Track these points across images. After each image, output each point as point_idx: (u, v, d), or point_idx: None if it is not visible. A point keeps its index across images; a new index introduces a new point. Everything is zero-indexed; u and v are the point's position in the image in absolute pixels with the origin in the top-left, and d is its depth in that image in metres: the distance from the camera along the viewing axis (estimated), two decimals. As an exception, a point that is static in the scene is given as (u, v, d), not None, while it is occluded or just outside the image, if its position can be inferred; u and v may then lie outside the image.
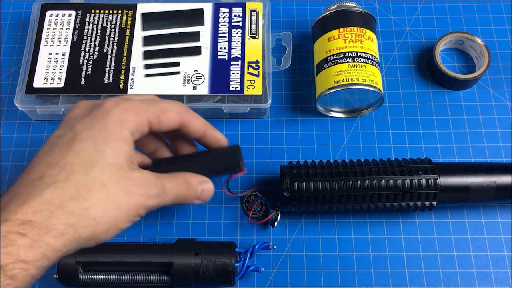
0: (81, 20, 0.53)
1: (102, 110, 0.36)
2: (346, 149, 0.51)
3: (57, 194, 0.32)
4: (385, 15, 0.58)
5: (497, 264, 0.46)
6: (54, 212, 0.31)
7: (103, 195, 0.33)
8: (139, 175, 0.35)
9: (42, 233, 0.31)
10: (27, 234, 0.30)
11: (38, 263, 0.31)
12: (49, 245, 0.31)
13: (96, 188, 0.33)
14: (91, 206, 0.33)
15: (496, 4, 0.58)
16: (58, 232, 0.31)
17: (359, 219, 0.48)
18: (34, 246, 0.30)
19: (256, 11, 0.54)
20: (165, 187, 0.37)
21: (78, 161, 0.33)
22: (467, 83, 0.53)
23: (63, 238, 0.31)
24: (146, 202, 0.35)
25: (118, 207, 0.34)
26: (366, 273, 0.46)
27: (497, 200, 0.45)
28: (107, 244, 0.43)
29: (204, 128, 0.41)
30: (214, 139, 0.42)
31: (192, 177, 0.40)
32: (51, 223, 0.31)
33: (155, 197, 0.36)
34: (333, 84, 0.48)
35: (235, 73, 0.50)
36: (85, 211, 0.32)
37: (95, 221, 0.33)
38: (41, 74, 0.50)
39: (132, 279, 0.42)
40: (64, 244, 0.32)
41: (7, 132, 0.53)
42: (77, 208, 0.32)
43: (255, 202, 0.47)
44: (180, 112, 0.39)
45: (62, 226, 0.31)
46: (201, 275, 0.42)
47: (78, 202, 0.32)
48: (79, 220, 0.32)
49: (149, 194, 0.35)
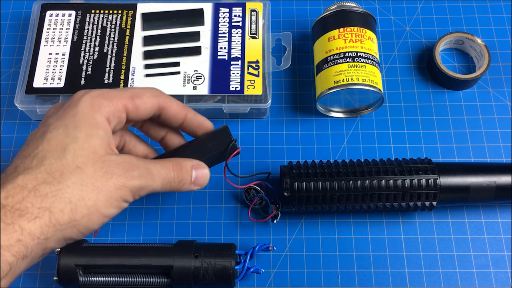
0: (81, 20, 0.53)
1: (72, 100, 0.35)
2: (346, 149, 0.51)
3: (29, 180, 0.31)
4: (385, 15, 0.58)
5: (497, 264, 0.46)
6: (27, 196, 0.30)
7: (78, 177, 0.32)
8: (116, 157, 0.34)
9: (15, 216, 0.30)
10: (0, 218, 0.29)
11: (14, 249, 0.29)
12: (24, 230, 0.30)
13: (70, 171, 0.32)
14: (66, 188, 0.31)
15: (496, 4, 0.58)
16: (32, 215, 0.30)
17: (359, 219, 0.48)
18: (8, 230, 0.29)
19: (256, 11, 0.54)
20: (149, 168, 0.35)
21: (49, 148, 0.33)
22: (467, 83, 0.53)
23: (38, 222, 0.30)
24: (126, 182, 0.33)
25: (95, 188, 0.32)
26: (366, 273, 0.46)
27: (497, 200, 0.45)
28: (106, 247, 0.43)
29: (184, 111, 0.39)
30: (197, 123, 0.40)
31: (183, 160, 0.38)
32: (25, 206, 0.30)
33: (137, 177, 0.34)
34: (333, 84, 0.48)
35: (235, 73, 0.50)
36: (60, 193, 0.31)
37: (72, 204, 0.31)
38: (41, 74, 0.50)
39: (132, 281, 0.42)
40: (41, 229, 0.30)
41: (7, 132, 0.53)
42: (51, 191, 0.31)
43: (255, 197, 0.47)
44: (155, 95, 0.38)
45: (36, 210, 0.30)
46: (201, 278, 0.41)
47: (51, 185, 0.31)
48: (54, 203, 0.31)
49: (129, 174, 0.34)
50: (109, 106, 0.35)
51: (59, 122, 0.34)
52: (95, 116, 0.34)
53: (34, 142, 0.34)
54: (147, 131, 0.42)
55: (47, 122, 0.35)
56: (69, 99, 0.36)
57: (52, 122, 0.34)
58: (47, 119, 0.35)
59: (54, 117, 0.35)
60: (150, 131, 0.42)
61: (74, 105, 0.35)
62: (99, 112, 0.35)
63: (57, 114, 0.35)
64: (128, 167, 0.34)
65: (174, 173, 0.37)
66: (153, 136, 0.43)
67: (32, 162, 0.32)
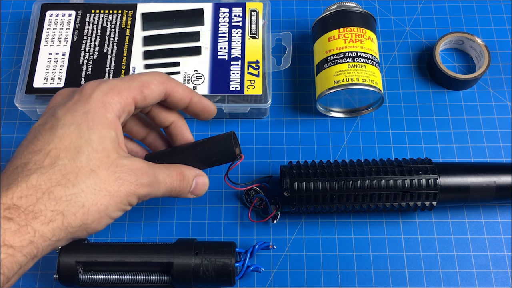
0: (81, 20, 0.53)
1: (83, 94, 0.35)
2: (346, 149, 0.51)
3: (43, 180, 0.31)
4: (385, 15, 0.58)
5: (497, 264, 0.46)
6: (41, 198, 0.30)
7: (92, 181, 0.32)
8: (129, 162, 0.34)
9: (29, 218, 0.30)
10: (14, 219, 0.29)
11: (26, 250, 0.30)
12: (37, 232, 0.30)
13: (84, 174, 0.32)
14: (80, 192, 0.31)
15: (496, 4, 0.59)
16: (46, 218, 0.30)
17: (359, 219, 0.48)
18: (21, 232, 0.29)
19: (256, 11, 0.54)
20: (157, 177, 0.36)
21: (63, 147, 0.32)
22: (467, 83, 0.53)
23: (51, 225, 0.30)
24: (137, 190, 0.34)
25: (108, 194, 0.32)
26: (366, 273, 0.46)
27: (497, 200, 0.45)
28: (107, 244, 0.43)
29: (189, 95, 0.39)
30: (201, 106, 0.40)
31: (187, 169, 0.38)
32: (39, 208, 0.30)
33: (146, 185, 0.35)
34: (333, 84, 0.48)
35: (235, 73, 0.50)
36: (74, 198, 0.31)
37: (85, 208, 0.32)
38: (41, 74, 0.50)
39: (132, 279, 0.42)
40: (53, 232, 0.31)
41: (7, 132, 0.53)
42: (65, 195, 0.31)
43: (255, 198, 0.47)
44: (162, 82, 0.38)
45: (50, 213, 0.30)
46: (201, 275, 0.41)
47: (66, 188, 0.31)
48: (68, 207, 0.31)
49: (139, 181, 0.34)
50: (120, 102, 0.35)
51: (70, 118, 0.34)
52: (107, 115, 0.34)
53: (44, 136, 0.33)
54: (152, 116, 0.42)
55: (56, 114, 0.34)
56: (78, 91, 0.35)
57: (62, 117, 0.34)
58: (56, 111, 0.35)
59: (63, 109, 0.34)
60: (155, 116, 0.42)
61: (85, 100, 0.34)
62: (111, 110, 0.35)
63: (66, 106, 0.34)
64: (139, 174, 0.34)
65: (177, 183, 0.37)
66: (159, 121, 0.42)
67: (45, 161, 0.32)
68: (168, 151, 0.42)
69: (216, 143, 0.40)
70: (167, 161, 0.39)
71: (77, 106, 0.34)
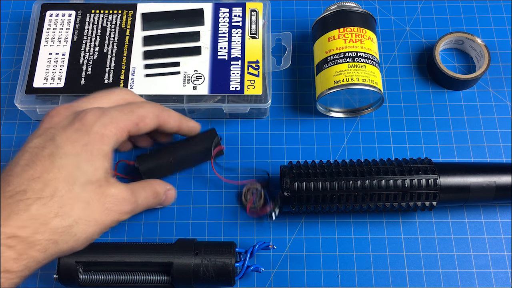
0: (81, 20, 0.53)
1: (84, 124, 0.37)
2: (346, 149, 0.51)
3: (42, 212, 0.33)
4: (385, 15, 0.58)
5: (497, 264, 0.46)
6: (38, 228, 0.33)
7: (85, 213, 0.35)
8: (116, 191, 0.37)
9: (27, 247, 0.32)
10: (14, 247, 0.32)
11: (21, 274, 0.32)
12: (32, 258, 0.33)
13: (79, 206, 0.35)
14: (74, 224, 0.34)
15: (496, 4, 0.59)
16: (42, 247, 0.33)
17: (359, 219, 0.48)
18: (20, 259, 0.32)
19: (256, 11, 0.54)
20: (137, 201, 0.40)
21: (61, 177, 0.35)
22: (467, 83, 0.53)
23: (46, 252, 0.33)
24: (120, 217, 0.38)
25: (96, 223, 0.36)
26: (366, 273, 0.46)
27: (497, 200, 0.45)
28: (107, 244, 0.44)
29: (178, 123, 0.44)
30: (188, 129, 0.46)
31: (159, 185, 0.43)
32: (37, 238, 0.33)
33: (128, 212, 0.39)
34: (333, 84, 0.48)
35: (235, 73, 0.50)
36: (68, 229, 0.34)
37: (76, 237, 0.35)
38: (41, 74, 0.50)
39: (132, 279, 0.42)
40: (45, 257, 0.34)
41: (7, 132, 0.53)
42: (61, 226, 0.34)
43: (254, 193, 0.47)
44: (157, 115, 0.42)
45: (45, 242, 0.33)
46: (201, 275, 0.41)
47: (62, 219, 0.34)
48: (62, 237, 0.34)
49: (123, 210, 0.38)
50: (116, 135, 0.38)
51: (69, 148, 0.36)
52: (104, 147, 0.37)
53: (43, 163, 0.35)
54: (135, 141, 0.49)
55: (55, 140, 0.36)
56: (79, 118, 0.37)
57: (62, 145, 0.36)
58: (54, 136, 0.36)
59: (63, 137, 0.36)
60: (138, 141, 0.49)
61: (85, 131, 0.37)
62: (108, 142, 0.37)
63: (66, 132, 0.36)
64: (124, 204, 0.38)
65: (152, 201, 0.42)
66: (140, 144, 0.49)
67: (44, 191, 0.34)
68: (157, 150, 0.48)
69: (200, 137, 0.47)
70: (158, 159, 0.47)
71: (77, 136, 0.36)
